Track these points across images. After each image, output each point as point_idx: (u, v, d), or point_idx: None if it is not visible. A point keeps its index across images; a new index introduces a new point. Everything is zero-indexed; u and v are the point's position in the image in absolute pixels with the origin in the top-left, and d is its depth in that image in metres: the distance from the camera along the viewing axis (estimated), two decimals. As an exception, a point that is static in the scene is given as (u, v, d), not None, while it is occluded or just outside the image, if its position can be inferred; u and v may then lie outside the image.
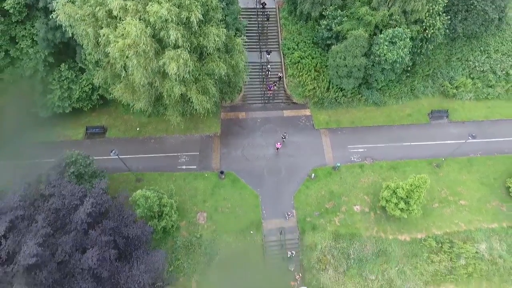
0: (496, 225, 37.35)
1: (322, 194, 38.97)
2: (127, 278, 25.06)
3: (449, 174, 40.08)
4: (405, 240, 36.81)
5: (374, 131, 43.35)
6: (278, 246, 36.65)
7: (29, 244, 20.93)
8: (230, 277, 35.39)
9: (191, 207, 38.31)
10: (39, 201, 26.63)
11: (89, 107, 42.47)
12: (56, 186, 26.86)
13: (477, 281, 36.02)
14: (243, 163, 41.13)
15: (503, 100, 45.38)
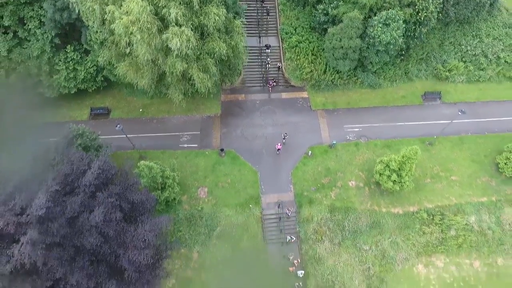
0: (486, 199, 38.86)
1: (318, 171, 40.46)
2: (132, 237, 26.58)
3: (441, 152, 41.57)
4: (398, 213, 38.32)
5: (369, 112, 44.84)
6: (276, 219, 38.12)
7: (40, 197, 22.41)
8: (230, 248, 36.89)
9: (192, 182, 39.80)
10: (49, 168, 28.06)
11: (94, 89, 43.87)
12: (65, 154, 28.26)
13: (467, 252, 37.56)
14: (243, 141, 42.60)
15: (494, 82, 46.86)
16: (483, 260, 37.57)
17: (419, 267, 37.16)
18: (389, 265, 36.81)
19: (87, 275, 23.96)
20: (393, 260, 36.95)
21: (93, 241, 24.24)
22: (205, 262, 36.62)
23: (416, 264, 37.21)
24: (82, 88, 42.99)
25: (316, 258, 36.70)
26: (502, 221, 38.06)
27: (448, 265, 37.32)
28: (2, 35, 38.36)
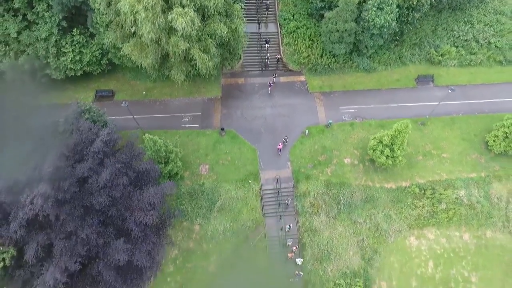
0: (475, 175, 40.54)
1: (315, 149, 42.13)
2: (138, 201, 28.26)
3: (433, 131, 43.25)
4: (391, 188, 40.00)
5: (364, 94, 46.51)
6: (275, 194, 39.81)
7: (50, 157, 24.12)
8: (231, 220, 38.56)
9: (194, 160, 41.49)
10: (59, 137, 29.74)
11: (99, 72, 45.50)
12: (74, 124, 29.92)
13: (457, 225, 39.25)
14: (242, 122, 44.29)
15: (485, 66, 48.50)
16: (473, 232, 39.27)
17: (411, 239, 38.86)
18: (382, 237, 38.52)
19: (97, 232, 25.62)
20: (386, 232, 38.64)
21: (101, 201, 25.89)
22: (206, 234, 38.34)
23: (408, 236, 38.91)
24: (88, 71, 44.59)
25: (312, 230, 38.40)
26: (490, 196, 39.73)
27: (439, 237, 39.02)
28: (12, 17, 39.98)
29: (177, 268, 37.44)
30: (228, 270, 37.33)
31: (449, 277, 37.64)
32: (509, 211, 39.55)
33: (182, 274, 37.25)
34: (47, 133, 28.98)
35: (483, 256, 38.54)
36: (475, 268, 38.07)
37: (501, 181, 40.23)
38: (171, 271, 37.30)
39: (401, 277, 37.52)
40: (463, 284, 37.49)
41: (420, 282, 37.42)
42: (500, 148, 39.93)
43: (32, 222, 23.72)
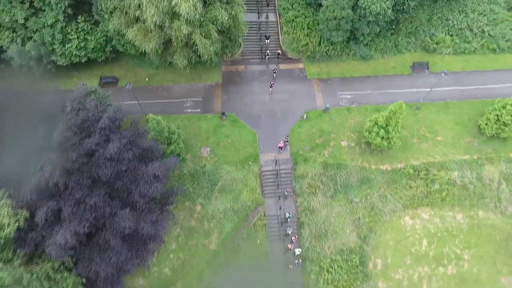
0: (468, 157, 41.83)
1: (313, 132, 43.42)
2: (143, 174, 29.56)
3: (427, 116, 44.54)
4: (386, 169, 41.29)
5: (361, 81, 47.80)
6: (273, 174, 41.12)
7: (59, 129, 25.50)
8: (231, 200, 39.86)
9: (195, 143, 42.78)
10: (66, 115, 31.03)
11: (103, 59, 46.75)
12: (82, 102, 31.23)
13: (450, 205, 40.55)
14: (242, 107, 45.58)
15: (479, 54, 49.79)
16: (465, 212, 40.57)
17: (405, 218, 40.17)
18: (377, 216, 39.81)
19: (104, 201, 26.93)
20: (381, 212, 39.94)
21: (108, 172, 27.18)
22: (207, 213, 39.64)
23: (403, 216, 40.21)
24: (92, 57, 45.83)
25: (310, 210, 39.70)
26: (482, 177, 41.02)
27: (433, 217, 40.32)
28: (19, 4, 41.24)
29: (180, 245, 38.76)
30: (229, 248, 38.63)
31: (442, 254, 38.95)
32: (500, 192, 40.85)
33: (184, 251, 38.58)
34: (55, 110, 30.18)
35: (475, 235, 39.85)
36: (468, 246, 39.37)
37: (493, 163, 41.51)
38: (174, 248, 38.62)
39: (396, 254, 38.84)
40: (455, 261, 38.81)
41: (414, 259, 38.74)
42: (492, 131, 41.21)
43: (42, 189, 25.07)
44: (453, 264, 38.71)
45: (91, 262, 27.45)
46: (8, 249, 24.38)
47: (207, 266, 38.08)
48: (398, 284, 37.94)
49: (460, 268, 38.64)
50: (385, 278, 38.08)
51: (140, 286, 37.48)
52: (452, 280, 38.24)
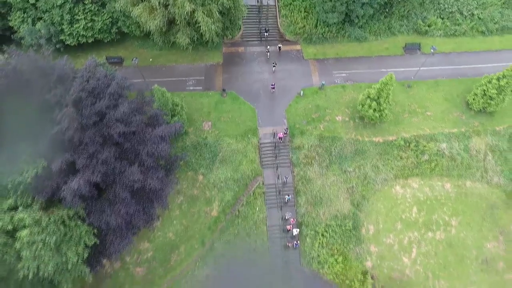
0: (456, 130, 44.01)
1: (309, 108, 45.63)
2: (150, 136, 31.77)
3: (418, 93, 46.74)
4: (379, 141, 43.48)
5: (356, 61, 50.00)
6: (272, 147, 43.32)
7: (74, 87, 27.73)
8: (231, 170, 42.05)
9: (197, 117, 44.99)
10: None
11: (109, 40, 48.93)
12: (91, 71, 33.39)
13: (439, 175, 42.75)
14: (242, 85, 47.79)
15: (468, 36, 51.98)
16: (453, 182, 42.77)
17: (396, 187, 42.37)
18: (370, 185, 42.01)
19: (114, 158, 29.11)
20: (374, 181, 42.14)
21: (118, 131, 29.37)
22: (209, 182, 41.84)
23: (394, 185, 42.41)
24: (99, 38, 48.01)
25: (306, 179, 41.89)
26: (470, 148, 43.22)
27: (423, 187, 42.52)
28: (30, -15, 43.49)
29: (183, 212, 40.98)
30: (229, 215, 40.81)
31: (431, 221, 41.15)
32: (487, 163, 43.06)
33: (187, 217, 40.80)
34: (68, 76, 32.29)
35: (462, 203, 42.05)
36: (455, 213, 41.57)
37: (479, 135, 43.71)
38: (177, 214, 40.84)
39: (387, 220, 41.05)
40: (443, 227, 41.01)
41: (405, 225, 40.95)
42: (479, 105, 43.42)
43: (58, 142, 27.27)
44: (441, 229, 40.90)
45: (102, 214, 29.64)
46: (28, 196, 26.55)
47: (208, 231, 40.27)
48: (389, 248, 40.14)
49: (448, 234, 40.82)
50: (377, 243, 40.28)
51: (146, 249, 39.74)
52: (440, 244, 40.43)
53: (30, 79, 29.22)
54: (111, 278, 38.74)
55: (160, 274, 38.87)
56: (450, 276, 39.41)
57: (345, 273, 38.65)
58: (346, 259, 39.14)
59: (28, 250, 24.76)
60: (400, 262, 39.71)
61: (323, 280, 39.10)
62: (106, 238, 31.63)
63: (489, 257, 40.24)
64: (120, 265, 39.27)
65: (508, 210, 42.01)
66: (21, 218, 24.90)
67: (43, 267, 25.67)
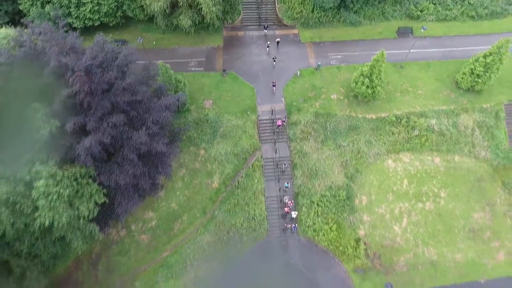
0: (445, 107, 46.15)
1: (306, 87, 47.78)
2: (156, 105, 33.96)
3: (410, 73, 48.89)
4: (372, 118, 45.62)
5: (350, 44, 52.16)
6: (270, 123, 45.49)
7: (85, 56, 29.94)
8: (231, 144, 44.20)
9: (199, 96, 47.13)
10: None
11: (114, 24, 51.06)
12: (100, 46, 35.52)
13: (429, 149, 44.90)
14: (242, 66, 49.94)
15: (459, 21, 54.11)
16: (443, 156, 44.92)
17: (388, 161, 44.53)
18: (363, 159, 44.17)
19: (123, 121, 31.26)
20: (367, 155, 44.29)
21: (126, 99, 31.55)
22: (210, 156, 44.00)
23: (386, 159, 44.57)
24: (105, 21, 50.15)
25: (302, 153, 44.05)
26: (458, 124, 45.35)
27: (413, 161, 44.68)
28: (40, -32, 45.65)
29: (185, 184, 43.14)
30: (230, 186, 42.97)
31: (421, 192, 43.31)
32: (474, 138, 45.21)
33: (189, 189, 42.97)
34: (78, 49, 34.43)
35: (451, 176, 44.20)
36: (444, 185, 43.73)
37: (468, 112, 45.86)
38: (180, 186, 43.01)
39: (379, 192, 43.21)
40: (433, 198, 43.17)
41: (396, 196, 43.11)
42: (467, 84, 45.57)
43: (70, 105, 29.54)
44: (431, 200, 43.06)
45: (111, 174, 31.75)
46: (43, 153, 28.64)
47: (209, 201, 42.44)
48: (381, 217, 42.31)
49: (437, 204, 42.98)
50: (370, 212, 42.45)
51: (150, 218, 41.93)
52: (429, 214, 42.60)
53: (45, 47, 31.44)
54: (118, 244, 40.97)
55: (164, 241, 41.06)
56: (438, 244, 41.57)
57: (339, 240, 40.83)
58: (340, 227, 41.30)
59: (44, 199, 26.90)
60: (391, 231, 41.87)
61: (318, 247, 41.30)
62: (114, 201, 33.80)
63: (476, 227, 42.40)
64: (126, 232, 41.48)
65: (494, 183, 44.19)
66: (38, 171, 27.00)
67: (57, 218, 27.87)
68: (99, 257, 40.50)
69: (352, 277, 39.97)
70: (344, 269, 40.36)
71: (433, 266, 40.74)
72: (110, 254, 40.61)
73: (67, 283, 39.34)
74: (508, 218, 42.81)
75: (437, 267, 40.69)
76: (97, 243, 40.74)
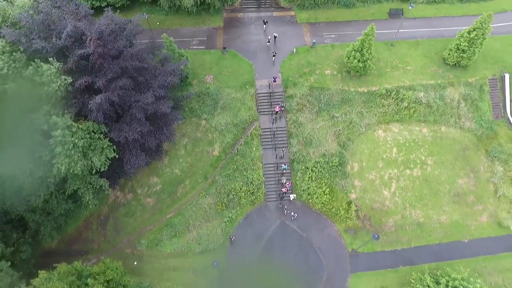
0: (433, 82, 48.90)
1: (301, 63, 50.57)
2: (161, 71, 36.78)
3: (400, 50, 51.67)
4: (363, 91, 48.40)
5: (344, 24, 54.93)
6: (267, 96, 48.30)
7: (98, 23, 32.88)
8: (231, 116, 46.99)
9: (200, 71, 49.93)
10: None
11: (119, 5, 53.80)
12: (109, 18, 38.31)
13: (417, 120, 47.70)
14: (241, 45, 52.73)
15: (448, 3, 56.82)
16: (430, 127, 47.71)
17: (379, 132, 47.32)
18: (355, 129, 46.96)
19: (130, 85, 34.07)
20: (358, 125, 47.08)
21: (134, 64, 34.39)
22: (211, 126, 46.81)
23: (377, 130, 47.38)
24: (111, 2, 52.89)
25: (298, 123, 46.85)
26: (445, 97, 48.12)
27: (402, 131, 47.48)
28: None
29: (187, 152, 45.97)
30: (229, 154, 45.77)
31: (409, 160, 46.11)
32: (460, 110, 47.98)
33: (191, 156, 45.80)
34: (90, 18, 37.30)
35: (438, 145, 46.99)
36: (431, 154, 46.52)
37: (454, 86, 48.62)
38: (183, 154, 45.84)
39: (370, 159, 46.01)
40: (420, 165, 45.97)
41: (385, 163, 45.92)
42: (453, 59, 48.32)
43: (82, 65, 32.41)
44: (418, 167, 45.87)
45: (121, 131, 34.53)
46: (59, 107, 31.42)
47: (210, 168, 45.27)
48: (371, 182, 45.13)
49: (424, 171, 45.79)
50: (361, 178, 45.26)
51: (155, 183, 44.76)
52: (417, 180, 45.42)
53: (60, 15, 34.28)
54: (125, 206, 43.83)
55: (167, 203, 43.91)
56: (425, 207, 44.39)
57: (332, 203, 43.64)
58: (333, 191, 44.10)
59: (61, 147, 29.62)
60: (381, 195, 44.69)
61: (312, 210, 44.12)
62: (123, 158, 36.68)
63: (460, 191, 45.21)
64: (132, 196, 44.32)
65: (478, 151, 47.00)
66: (55, 122, 29.68)
67: (73, 165, 30.63)
68: (107, 218, 43.35)
69: (344, 237, 42.80)
70: (336, 229, 43.18)
71: (419, 226, 43.55)
72: (117, 216, 43.47)
73: (78, 241, 42.21)
74: (491, 184, 45.61)
75: (423, 228, 43.51)
76: (105, 205, 43.71)
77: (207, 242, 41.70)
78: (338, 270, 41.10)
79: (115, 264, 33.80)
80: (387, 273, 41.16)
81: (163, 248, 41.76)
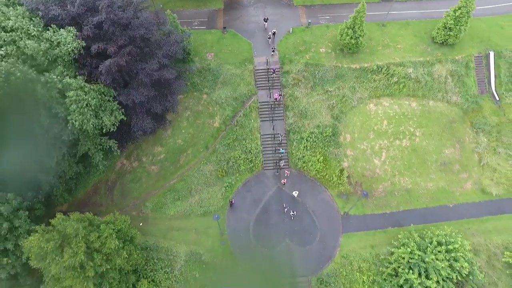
0: (422, 59, 51.68)
1: (297, 42, 53.36)
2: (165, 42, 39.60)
3: (391, 31, 54.46)
4: (356, 67, 51.19)
5: (339, 7, 57.69)
6: (265, 71, 51.09)
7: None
8: (231, 90, 49.79)
9: (202, 49, 52.73)
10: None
11: (124, -12, 56.67)
12: (116, -6, 41.07)
13: (406, 95, 50.48)
14: (240, 25, 55.54)
15: (438, -13, 59.75)
16: (419, 101, 50.51)
17: (370, 105, 50.12)
18: (348, 102, 49.74)
19: (137, 52, 36.89)
20: (351, 99, 49.87)
21: (141, 33, 37.18)
22: (212, 100, 49.60)
23: (368, 103, 50.16)
24: (117, -15, 55.74)
25: (294, 97, 49.63)
26: (433, 73, 50.89)
27: (392, 105, 50.27)
28: None
29: (189, 123, 48.77)
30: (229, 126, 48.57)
31: (398, 131, 48.90)
32: (447, 85, 50.76)
33: (193, 127, 48.61)
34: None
35: (426, 118, 49.79)
36: (419, 126, 49.31)
37: (441, 63, 51.39)
38: (185, 125, 48.65)
39: (362, 131, 48.81)
40: (409, 136, 48.77)
41: (376, 134, 48.71)
42: (441, 37, 51.11)
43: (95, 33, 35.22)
44: (407, 138, 48.67)
45: (128, 95, 37.42)
46: (72, 69, 34.20)
47: (211, 138, 48.09)
48: (363, 152, 47.93)
49: (413, 142, 48.58)
50: (353, 148, 48.06)
51: (159, 152, 47.57)
52: (405, 150, 48.22)
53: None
54: (131, 173, 46.64)
55: (171, 171, 46.73)
56: (413, 174, 47.20)
57: (325, 170, 46.42)
58: (326, 160, 46.89)
59: (76, 104, 32.41)
60: (372, 163, 47.49)
61: (307, 177, 46.91)
62: (131, 121, 39.54)
63: (446, 161, 48.01)
64: (138, 164, 47.14)
65: (464, 124, 49.81)
66: (69, 82, 32.45)
67: (86, 122, 33.43)
68: (115, 184, 46.17)
69: (337, 201, 45.62)
70: (329, 194, 46.00)
71: (407, 192, 46.37)
72: (124, 182, 46.29)
73: (87, 205, 45.01)
74: (475, 154, 48.43)
75: (411, 194, 46.32)
76: (113, 172, 46.52)
77: (208, 205, 44.51)
78: (330, 231, 43.91)
79: (123, 217, 36.59)
80: (377, 233, 43.98)
81: (167, 211, 44.58)
